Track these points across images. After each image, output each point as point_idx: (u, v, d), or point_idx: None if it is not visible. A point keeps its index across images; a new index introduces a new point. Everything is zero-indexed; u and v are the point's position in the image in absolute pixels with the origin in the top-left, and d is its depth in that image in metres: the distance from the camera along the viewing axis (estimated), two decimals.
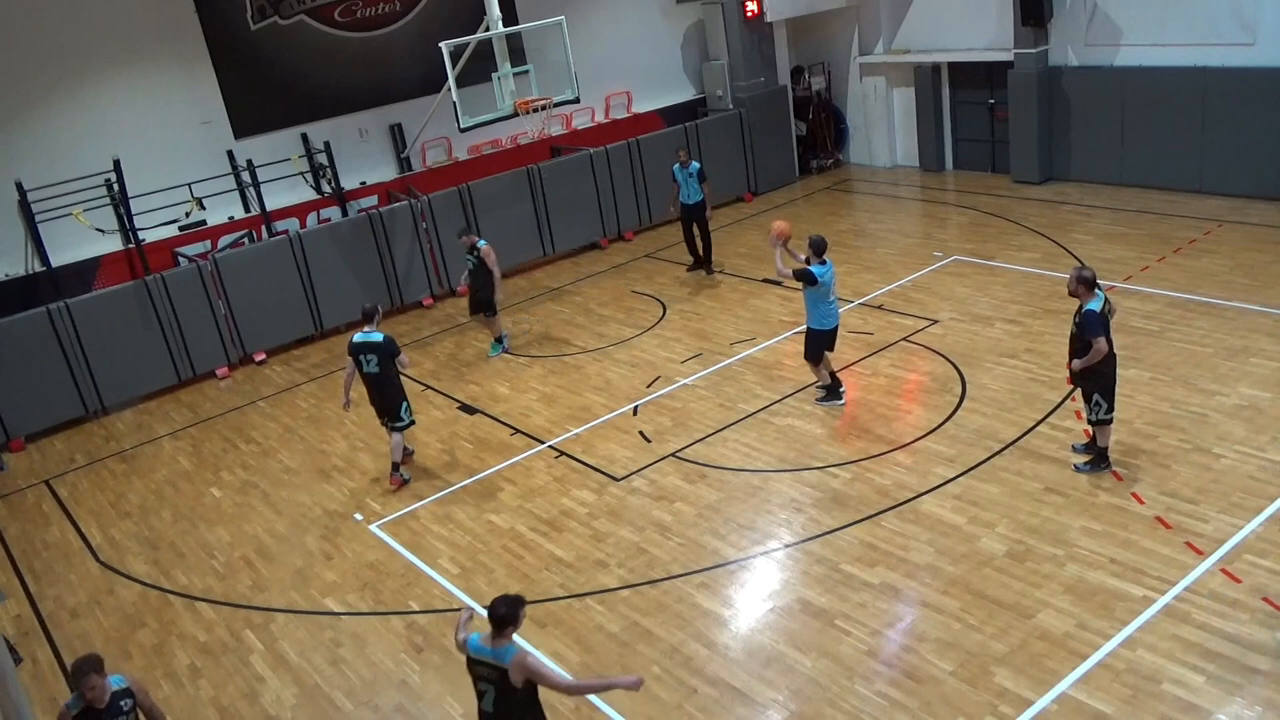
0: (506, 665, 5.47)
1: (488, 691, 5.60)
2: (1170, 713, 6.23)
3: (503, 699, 5.55)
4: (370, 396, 10.31)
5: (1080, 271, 8.47)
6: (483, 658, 5.58)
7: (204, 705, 7.71)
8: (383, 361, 9.93)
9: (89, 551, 10.26)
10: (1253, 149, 14.75)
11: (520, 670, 5.45)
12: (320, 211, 16.07)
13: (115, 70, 14.27)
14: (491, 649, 5.54)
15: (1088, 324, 8.33)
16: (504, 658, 5.49)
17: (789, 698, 6.85)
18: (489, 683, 5.57)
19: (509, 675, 5.46)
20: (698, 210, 15.14)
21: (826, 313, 10.34)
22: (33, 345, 12.82)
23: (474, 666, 5.65)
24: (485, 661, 5.56)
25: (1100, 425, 8.72)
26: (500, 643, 5.54)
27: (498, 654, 5.52)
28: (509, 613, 5.56)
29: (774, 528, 8.79)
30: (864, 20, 19.59)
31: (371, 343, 9.91)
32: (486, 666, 5.56)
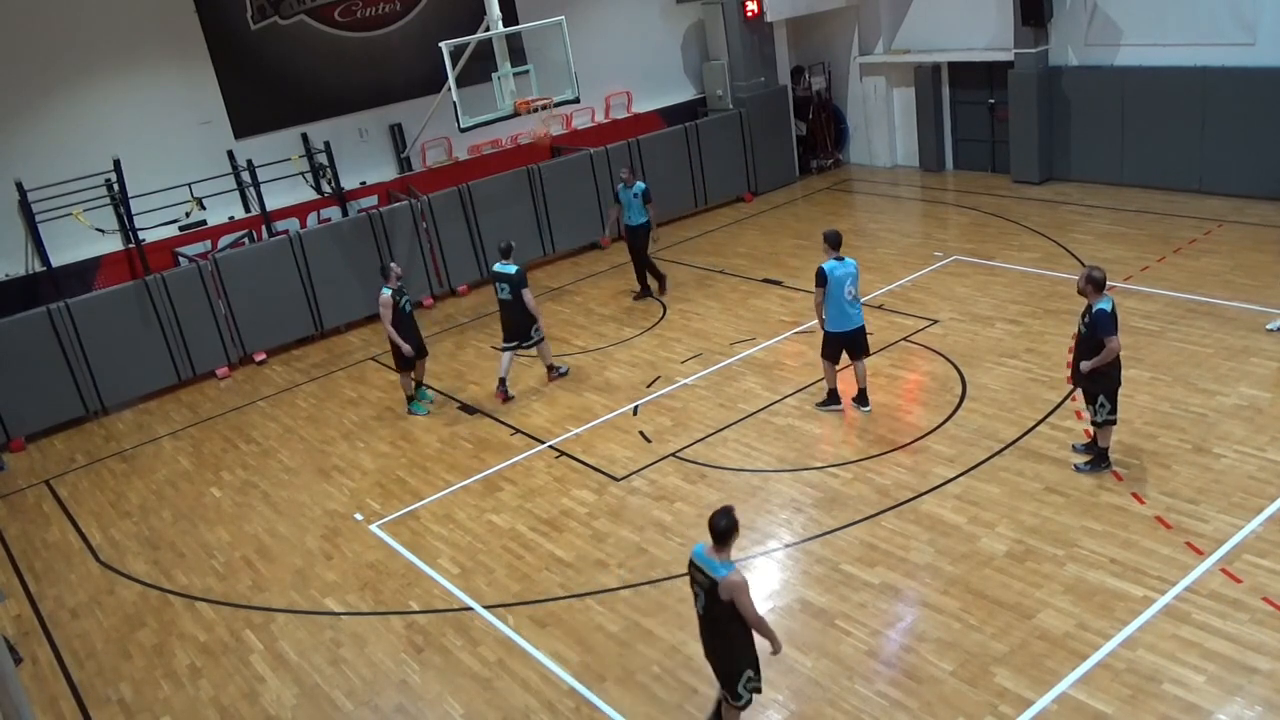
0: (718, 579, 5.79)
1: (699, 596, 6.01)
2: (1170, 713, 6.23)
3: (710, 608, 5.95)
4: (502, 320, 12.05)
5: (1091, 271, 8.38)
6: (701, 565, 5.94)
7: (204, 705, 7.71)
8: (514, 290, 11.63)
9: (89, 551, 10.26)
10: (1253, 149, 14.75)
11: (727, 589, 5.78)
12: (320, 211, 16.07)
13: (115, 70, 14.27)
14: (710, 559, 5.87)
15: (1099, 323, 8.25)
16: (718, 571, 5.81)
17: (789, 698, 6.85)
18: (701, 588, 5.97)
19: (718, 588, 5.80)
20: (642, 233, 14.39)
21: (838, 313, 10.09)
22: (33, 345, 12.83)
23: (691, 571, 6.05)
24: (702, 570, 5.92)
25: (1103, 427, 8.71)
26: (720, 555, 5.86)
27: (714, 565, 5.85)
28: (729, 524, 5.83)
29: (774, 528, 8.79)
30: (864, 20, 19.59)
31: (505, 273, 11.76)
32: (702, 574, 5.92)
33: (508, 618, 8.14)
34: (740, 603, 5.81)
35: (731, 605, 5.82)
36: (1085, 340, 8.49)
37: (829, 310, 10.13)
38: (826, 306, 10.11)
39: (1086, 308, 8.43)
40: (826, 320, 10.21)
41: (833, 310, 10.12)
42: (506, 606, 8.29)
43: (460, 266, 16.26)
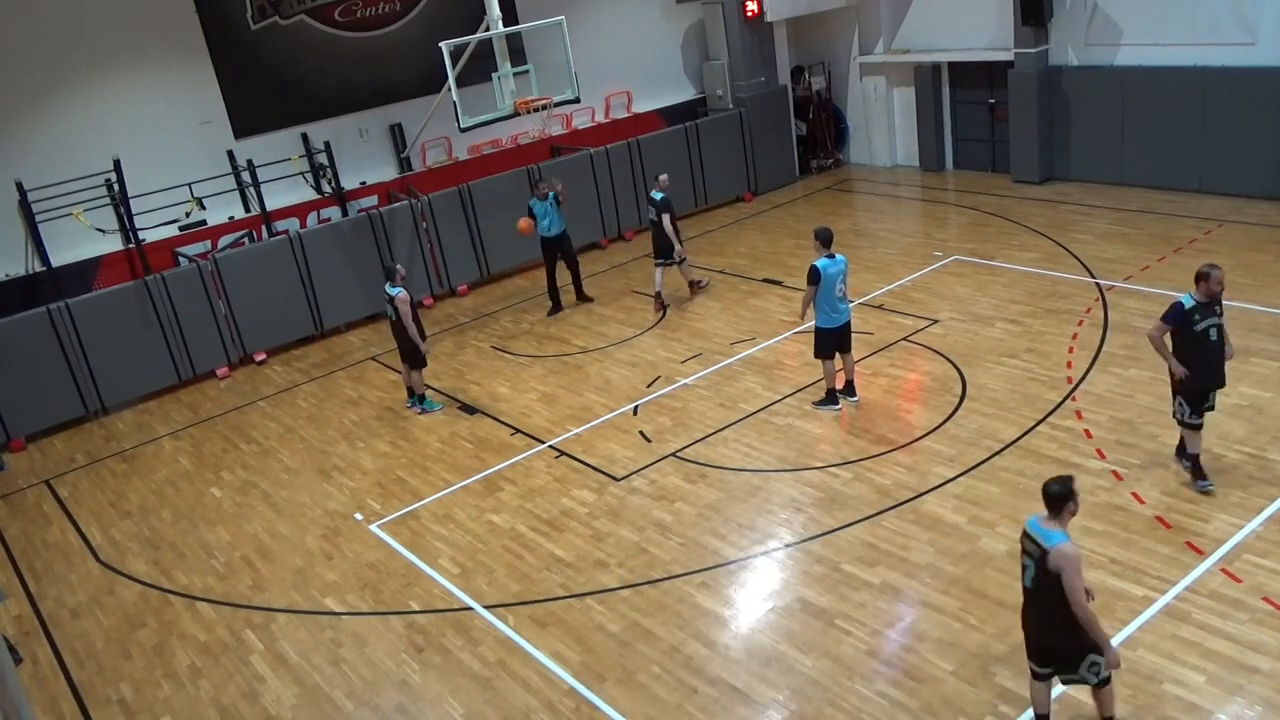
0: (1048, 548, 5.59)
1: (1029, 567, 5.78)
2: (1170, 713, 6.23)
3: (1039, 578, 5.69)
4: (652, 238, 14.25)
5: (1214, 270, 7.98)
6: (1033, 534, 5.73)
7: (204, 705, 7.71)
8: (659, 214, 13.80)
9: (89, 551, 10.26)
10: (1253, 149, 14.75)
11: (1056, 559, 5.54)
12: (320, 211, 16.07)
13: (115, 70, 14.27)
14: (1043, 528, 5.68)
15: None
16: (1050, 539, 5.61)
17: (789, 698, 6.85)
18: (1031, 559, 5.75)
19: (1047, 558, 5.58)
20: (563, 242, 14.45)
21: (830, 310, 10.23)
22: (33, 345, 12.83)
23: (1023, 541, 5.84)
24: (1034, 539, 5.71)
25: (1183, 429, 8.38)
26: (1053, 525, 5.66)
27: (1045, 534, 5.65)
28: (1061, 489, 5.63)
29: (774, 527, 8.79)
30: (864, 20, 19.59)
31: (652, 199, 13.99)
32: (1033, 544, 5.72)
33: (508, 618, 8.15)
34: (1068, 577, 5.51)
35: (1057, 579, 5.54)
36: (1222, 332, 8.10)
37: (821, 307, 10.25)
38: (818, 303, 10.23)
39: (1212, 301, 8.00)
40: (818, 317, 10.33)
41: (825, 307, 10.24)
42: (506, 606, 8.29)
43: (460, 266, 16.26)
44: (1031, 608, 5.90)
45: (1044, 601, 5.74)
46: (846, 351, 10.62)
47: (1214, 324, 8.02)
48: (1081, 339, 11.41)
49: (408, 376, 12.18)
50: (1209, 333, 8.02)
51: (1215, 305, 8.04)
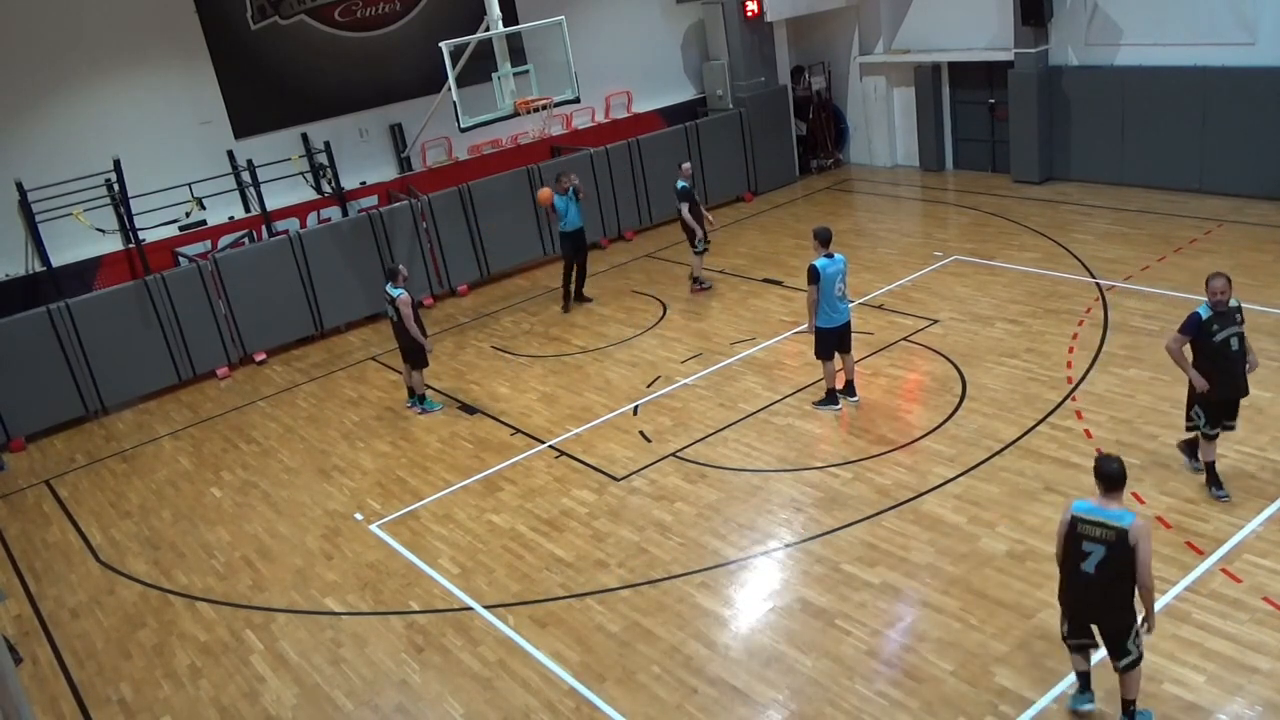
0: (1126, 527, 5.63)
1: (1094, 552, 5.74)
2: (1170, 713, 6.23)
3: (1110, 560, 5.69)
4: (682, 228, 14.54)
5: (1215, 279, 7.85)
6: (1096, 518, 5.73)
7: (204, 705, 7.71)
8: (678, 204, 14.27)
9: (89, 551, 10.26)
10: (1253, 149, 14.75)
11: (1136, 534, 5.62)
12: (320, 211, 16.07)
13: (115, 70, 14.27)
14: (1107, 510, 5.73)
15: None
16: (1124, 519, 5.66)
17: (789, 697, 6.85)
18: (1101, 543, 5.72)
19: (1126, 536, 5.62)
20: (579, 238, 14.58)
21: (830, 309, 10.22)
22: (33, 345, 12.82)
23: (1082, 528, 5.78)
24: (1100, 523, 5.71)
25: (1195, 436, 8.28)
26: (1113, 504, 5.74)
27: (1115, 515, 5.70)
28: (1122, 468, 5.78)
29: (774, 527, 8.79)
30: (864, 20, 19.59)
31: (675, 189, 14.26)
32: (1102, 527, 5.70)
33: (508, 618, 8.15)
34: (1145, 551, 5.61)
35: (1133, 555, 5.61)
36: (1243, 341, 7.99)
37: (820, 307, 10.25)
38: (820, 303, 10.21)
39: (1231, 311, 7.92)
40: (818, 317, 10.31)
41: (824, 306, 10.24)
42: (506, 606, 8.29)
43: (460, 266, 16.26)
44: (1094, 591, 5.83)
45: (1114, 582, 5.74)
46: (846, 351, 10.61)
47: (1234, 333, 7.87)
48: (1081, 339, 11.41)
49: (408, 376, 12.19)
50: (1229, 342, 7.87)
51: (1235, 314, 7.90)
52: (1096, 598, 5.86)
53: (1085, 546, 5.79)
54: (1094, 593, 5.85)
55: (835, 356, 10.56)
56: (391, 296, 11.58)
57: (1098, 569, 5.75)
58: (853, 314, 10.81)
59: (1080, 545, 5.81)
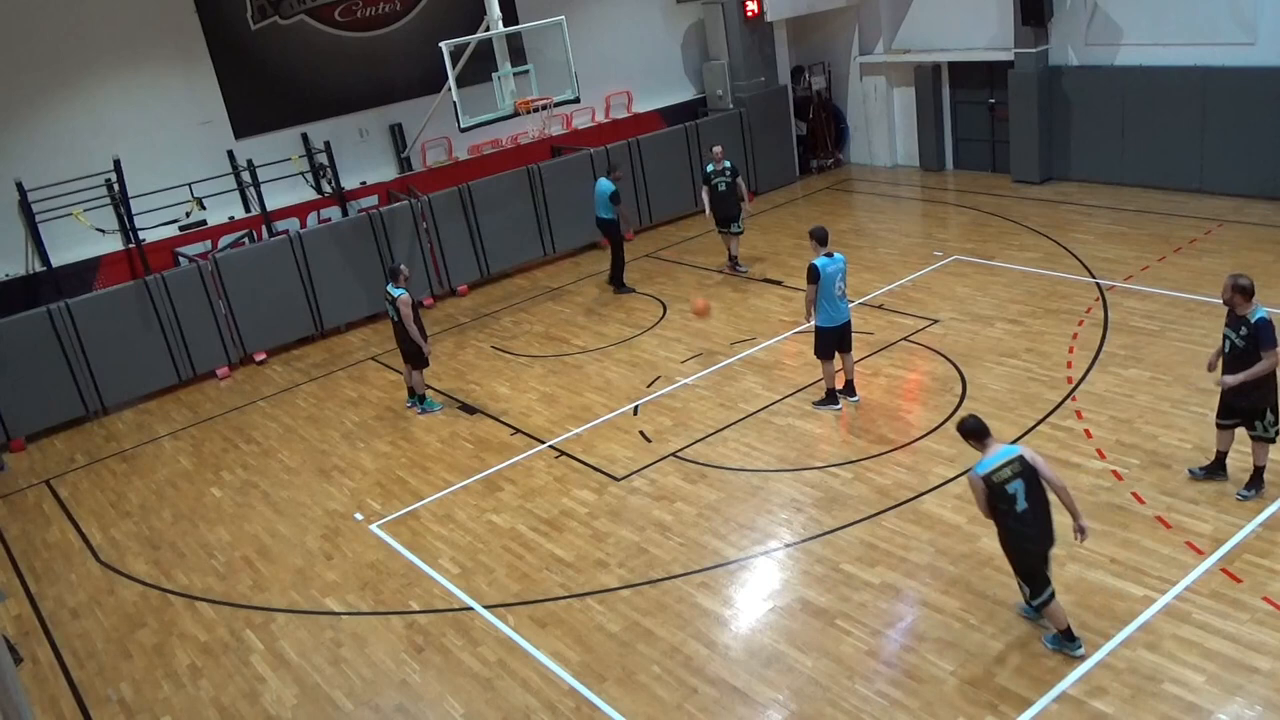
0: (1021, 453, 6.45)
1: (1017, 490, 6.41)
2: (1170, 713, 6.23)
3: (1031, 487, 6.44)
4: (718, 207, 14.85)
5: (1237, 279, 7.77)
6: (999, 464, 6.43)
7: (204, 705, 7.71)
8: (730, 181, 14.71)
9: (89, 551, 10.26)
10: (1253, 149, 14.75)
11: (1030, 454, 6.49)
12: (320, 211, 16.07)
13: (116, 70, 14.27)
14: (998, 455, 6.46)
15: (1262, 334, 7.59)
16: (1014, 451, 6.46)
17: (789, 697, 6.86)
18: (1019, 478, 6.42)
19: (1026, 459, 6.43)
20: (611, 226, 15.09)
21: (830, 308, 10.24)
22: (33, 345, 12.82)
23: (996, 477, 6.40)
24: (1003, 464, 6.42)
25: (1264, 442, 8.07)
26: (996, 448, 6.50)
27: (1007, 451, 6.47)
28: (979, 419, 6.59)
29: (774, 527, 8.79)
30: (864, 20, 19.60)
31: (726, 166, 14.78)
32: (1007, 466, 6.42)
33: (508, 618, 8.15)
34: (1041, 461, 6.48)
35: (1037, 470, 6.42)
36: (1241, 354, 7.78)
37: (821, 306, 10.26)
38: (818, 302, 10.24)
39: (1237, 320, 7.79)
40: (818, 316, 10.34)
41: (825, 305, 10.25)
42: (507, 606, 8.29)
43: (460, 266, 16.26)
44: (1036, 520, 6.49)
45: (1041, 504, 6.49)
46: (846, 351, 10.62)
47: (1229, 337, 7.90)
48: (1081, 339, 11.41)
49: (409, 376, 12.18)
50: (1227, 342, 7.94)
51: (1240, 320, 7.80)
52: (1041, 525, 6.54)
53: (1009, 490, 6.43)
54: (1037, 522, 6.52)
55: (835, 356, 10.58)
56: (392, 296, 11.58)
57: (1027, 500, 6.44)
58: (853, 314, 10.80)
59: (1005, 492, 6.43)
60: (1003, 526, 6.57)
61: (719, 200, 14.87)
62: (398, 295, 11.51)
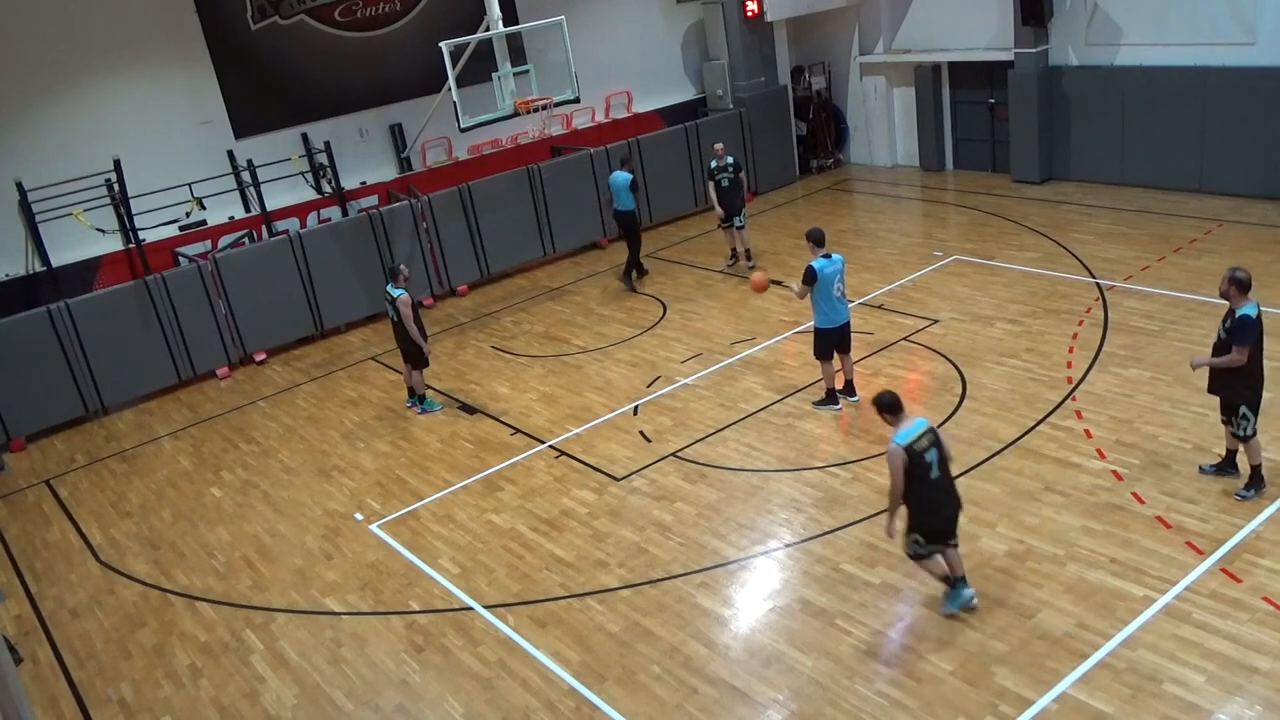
0: (930, 425, 7.00)
1: (932, 458, 6.94)
2: (1170, 712, 6.23)
3: (941, 454, 7.01)
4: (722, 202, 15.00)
5: (1235, 273, 7.80)
6: (916, 434, 6.92)
7: (204, 705, 7.71)
8: (733, 177, 14.91)
9: (89, 551, 10.26)
10: (1253, 149, 14.75)
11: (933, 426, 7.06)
12: (320, 211, 16.08)
13: (115, 70, 14.27)
14: (913, 427, 6.94)
15: (1238, 329, 7.70)
16: (925, 422, 7.02)
17: (789, 697, 6.86)
18: (931, 447, 6.95)
19: (935, 431, 7.01)
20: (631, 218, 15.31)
21: (829, 309, 10.24)
22: (33, 345, 12.82)
23: (916, 446, 6.88)
24: (920, 435, 6.93)
25: (1248, 441, 8.05)
26: (910, 420, 7.00)
27: (920, 424, 6.98)
28: (895, 394, 7.10)
29: (774, 527, 8.79)
30: (864, 20, 19.60)
31: (726, 164, 14.93)
32: (925, 436, 6.94)
33: (508, 618, 8.15)
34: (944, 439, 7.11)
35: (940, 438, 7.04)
36: (1223, 346, 7.91)
37: (820, 307, 10.24)
38: (817, 303, 10.24)
39: (1228, 312, 7.88)
40: (817, 317, 10.33)
41: (824, 307, 10.23)
42: (507, 606, 8.29)
43: (460, 266, 16.26)
44: (945, 486, 7.06)
45: (949, 470, 7.09)
46: (845, 352, 10.62)
47: (1220, 327, 8.06)
48: (1081, 339, 11.41)
49: (409, 376, 12.18)
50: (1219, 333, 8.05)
51: (1229, 314, 7.90)
52: (949, 490, 7.12)
53: (926, 458, 6.92)
54: (946, 488, 7.08)
55: (834, 357, 10.58)
56: (392, 297, 11.58)
57: (939, 468, 6.98)
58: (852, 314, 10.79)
59: (923, 460, 6.91)
60: (919, 494, 6.98)
61: (723, 196, 14.98)
62: (397, 295, 11.51)
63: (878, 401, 7.13)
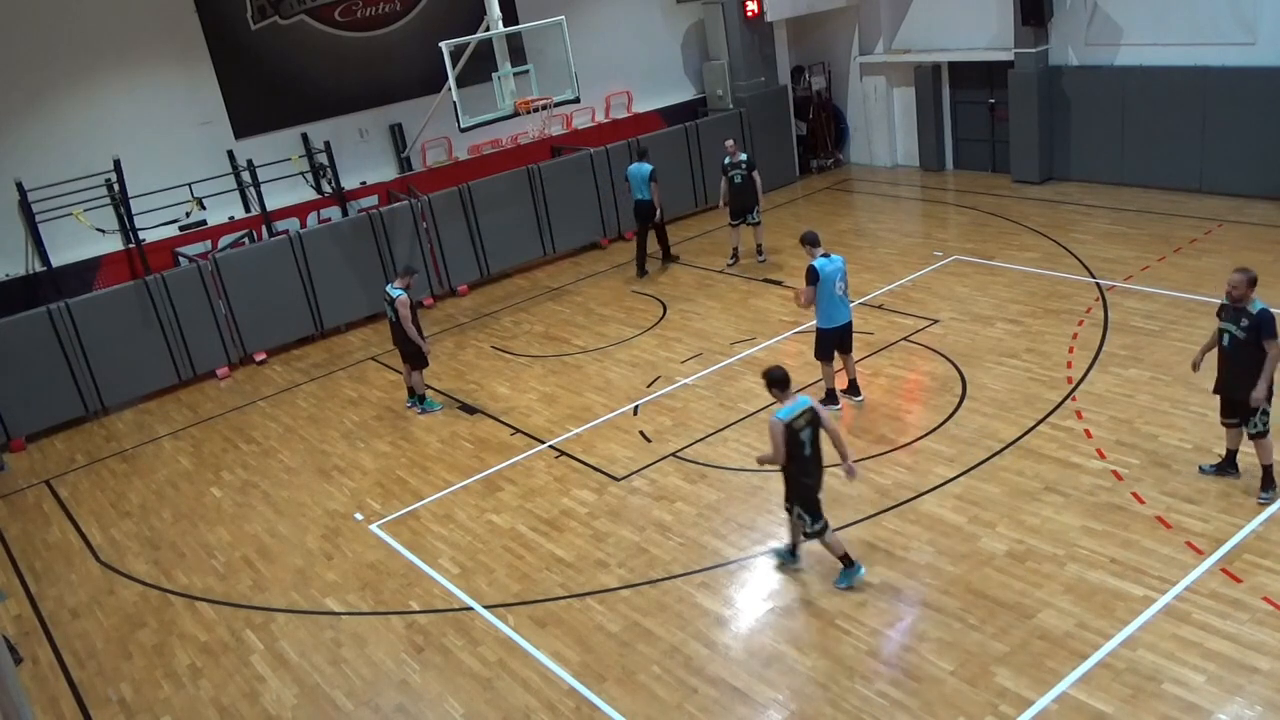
0: (812, 404, 7.46)
1: (807, 436, 7.43)
2: (1170, 712, 6.23)
3: (816, 433, 7.50)
4: (732, 200, 15.15)
5: (1248, 272, 7.70)
6: (797, 412, 7.38)
7: (204, 705, 7.71)
8: (745, 174, 14.96)
9: (89, 551, 10.26)
10: (1253, 149, 14.76)
11: (815, 403, 7.51)
12: (320, 211, 16.08)
13: (115, 70, 14.27)
14: (796, 404, 7.42)
15: (1265, 326, 7.56)
16: (808, 400, 7.48)
17: (789, 698, 6.86)
18: (809, 426, 7.44)
19: (816, 410, 7.45)
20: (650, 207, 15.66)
21: (830, 310, 10.22)
22: (33, 345, 12.82)
23: (795, 424, 7.37)
24: (801, 413, 7.39)
25: (1263, 438, 8.02)
26: (794, 398, 7.45)
27: (803, 402, 7.46)
28: (784, 371, 7.47)
29: (774, 527, 8.79)
30: (864, 20, 19.60)
31: (739, 160, 14.91)
32: (805, 415, 7.40)
33: (508, 618, 8.15)
34: (821, 410, 7.53)
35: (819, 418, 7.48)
36: (1242, 346, 7.77)
37: (821, 307, 10.21)
38: (819, 304, 10.20)
39: (1237, 312, 7.79)
40: (819, 318, 10.30)
41: (825, 306, 10.21)
42: (507, 606, 8.29)
43: (460, 266, 16.27)
44: (817, 462, 7.59)
45: (820, 452, 7.58)
46: (847, 352, 10.60)
47: (1229, 330, 7.90)
48: (1081, 339, 11.41)
49: (408, 376, 12.19)
50: (1223, 336, 7.97)
51: (1240, 312, 7.78)
52: (820, 467, 7.62)
53: (802, 436, 7.38)
54: (817, 464, 7.58)
55: (835, 357, 10.56)
56: (391, 297, 11.58)
57: (812, 446, 7.48)
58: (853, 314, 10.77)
59: (799, 438, 7.38)
60: (794, 467, 7.48)
61: (734, 192, 15.12)
62: (396, 296, 11.51)
63: (768, 375, 7.52)
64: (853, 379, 10.74)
